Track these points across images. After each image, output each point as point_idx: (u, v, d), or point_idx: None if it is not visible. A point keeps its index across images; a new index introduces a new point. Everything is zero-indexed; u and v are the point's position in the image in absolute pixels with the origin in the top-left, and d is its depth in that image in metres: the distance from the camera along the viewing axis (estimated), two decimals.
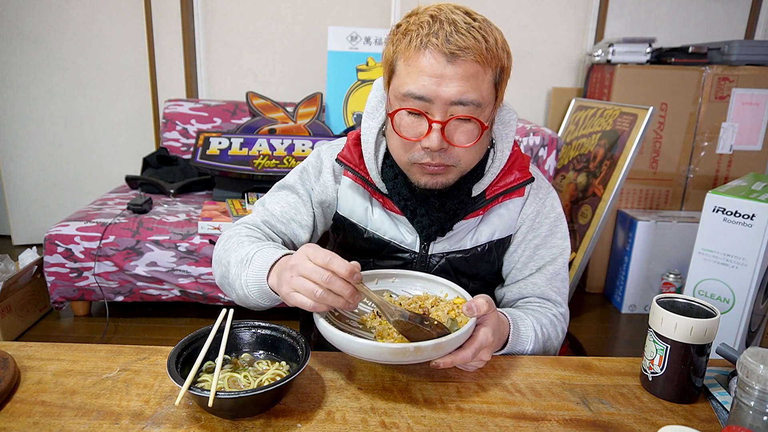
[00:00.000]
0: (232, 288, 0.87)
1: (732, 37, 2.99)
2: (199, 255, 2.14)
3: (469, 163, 0.86)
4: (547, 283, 0.97)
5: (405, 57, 0.80)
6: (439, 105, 0.78)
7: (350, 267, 0.69)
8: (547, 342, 0.92)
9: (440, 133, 0.79)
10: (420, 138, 0.81)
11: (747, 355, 0.62)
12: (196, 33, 2.90)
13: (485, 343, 0.76)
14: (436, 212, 0.90)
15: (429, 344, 0.68)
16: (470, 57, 0.76)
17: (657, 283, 2.56)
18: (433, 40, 0.77)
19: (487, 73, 0.79)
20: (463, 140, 0.81)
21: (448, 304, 0.82)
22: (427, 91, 0.78)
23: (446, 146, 0.81)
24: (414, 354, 0.68)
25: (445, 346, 0.70)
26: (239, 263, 0.85)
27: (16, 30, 2.84)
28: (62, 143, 3.01)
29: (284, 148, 2.50)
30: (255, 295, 0.83)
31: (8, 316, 2.11)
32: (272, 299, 0.83)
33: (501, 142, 0.93)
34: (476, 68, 0.77)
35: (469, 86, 0.77)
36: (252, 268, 0.82)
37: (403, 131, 0.83)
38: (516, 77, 3.00)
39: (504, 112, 0.95)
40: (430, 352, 0.70)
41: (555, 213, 0.99)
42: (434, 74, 0.77)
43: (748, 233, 1.48)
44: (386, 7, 2.89)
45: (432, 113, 0.79)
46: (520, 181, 0.93)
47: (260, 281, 0.80)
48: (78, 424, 0.67)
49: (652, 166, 2.61)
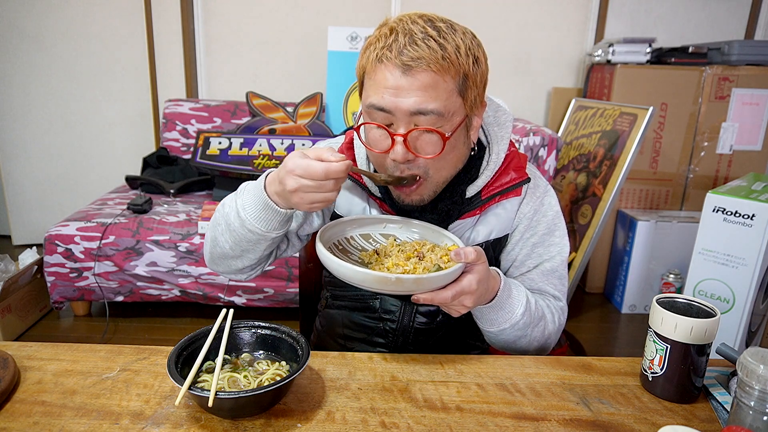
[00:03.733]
0: (227, 226, 0.87)
1: (732, 37, 2.99)
2: (199, 255, 2.14)
3: (440, 174, 0.86)
4: (544, 279, 0.97)
5: (368, 70, 0.81)
6: (401, 116, 0.79)
7: (340, 156, 0.76)
8: (540, 320, 0.92)
9: (403, 145, 0.80)
10: (387, 150, 0.82)
11: (747, 355, 0.62)
12: (196, 33, 2.90)
13: (467, 289, 0.78)
14: (429, 214, 0.91)
15: (410, 277, 0.74)
16: (424, 66, 0.76)
17: (657, 283, 2.56)
18: (387, 53, 0.77)
19: (447, 82, 0.78)
20: (429, 151, 0.81)
21: (442, 249, 0.86)
22: (386, 102, 0.78)
23: (412, 158, 0.81)
24: (395, 284, 0.73)
25: (425, 283, 0.75)
26: (233, 197, 0.87)
27: (15, 30, 2.84)
28: (62, 143, 3.01)
29: (284, 148, 2.50)
30: (252, 214, 0.83)
31: (8, 316, 2.11)
32: (270, 214, 0.83)
33: (496, 143, 0.93)
34: (433, 77, 0.77)
35: (427, 96, 0.77)
36: (248, 188, 0.85)
37: (372, 144, 0.84)
38: (516, 77, 3.00)
39: (499, 113, 0.95)
40: (410, 285, 0.74)
41: (552, 212, 0.99)
42: (391, 86, 0.77)
43: (748, 233, 1.48)
44: (386, 7, 2.89)
45: (396, 125, 0.80)
46: (516, 182, 0.93)
47: (258, 190, 0.82)
48: (78, 424, 0.67)
49: (652, 166, 2.61)
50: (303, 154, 0.76)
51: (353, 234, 0.91)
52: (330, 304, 1.07)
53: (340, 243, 0.88)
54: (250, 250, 0.88)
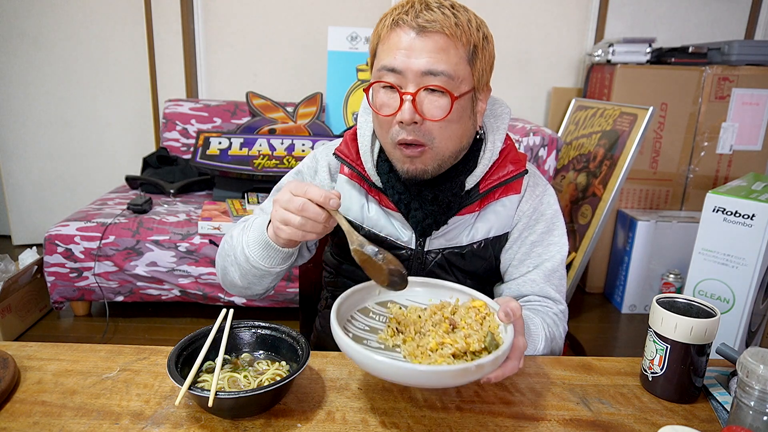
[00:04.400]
0: (235, 259, 0.90)
1: (732, 37, 2.99)
2: (199, 255, 2.14)
3: (444, 144, 0.86)
4: (546, 281, 0.97)
5: (382, 38, 0.84)
6: (411, 77, 0.81)
7: (325, 193, 0.75)
8: (553, 341, 0.92)
9: (412, 105, 0.81)
10: (395, 113, 0.83)
11: (747, 355, 0.62)
12: (196, 33, 2.90)
13: (524, 348, 0.72)
14: (430, 205, 0.91)
15: (488, 360, 0.63)
16: (438, 28, 0.80)
17: (657, 283, 2.56)
18: (404, 17, 0.81)
19: (458, 48, 0.82)
20: (435, 113, 0.83)
21: (471, 310, 0.77)
22: (398, 62, 0.81)
23: (419, 120, 0.82)
24: (475, 373, 0.63)
25: (500, 360, 0.66)
26: (240, 231, 0.91)
27: (15, 30, 2.84)
28: (62, 143, 3.01)
29: (284, 148, 2.50)
30: (256, 252, 0.86)
31: (8, 316, 2.11)
32: (271, 252, 0.86)
33: (492, 134, 0.94)
34: (446, 41, 0.80)
35: (439, 57, 0.80)
36: (253, 226, 0.88)
37: (379, 108, 0.86)
38: (516, 77, 3.00)
39: (496, 105, 0.97)
40: (489, 367, 0.64)
41: (552, 210, 0.99)
42: (405, 47, 0.81)
43: (748, 233, 1.48)
44: (386, 7, 2.89)
45: (404, 86, 0.82)
46: (513, 174, 0.93)
47: (260, 232, 0.85)
48: (78, 424, 0.67)
49: (652, 166, 2.61)
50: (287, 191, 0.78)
51: (352, 314, 0.79)
52: (329, 305, 1.07)
53: (347, 330, 0.75)
54: (257, 283, 0.92)
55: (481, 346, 0.70)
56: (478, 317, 0.75)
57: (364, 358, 0.63)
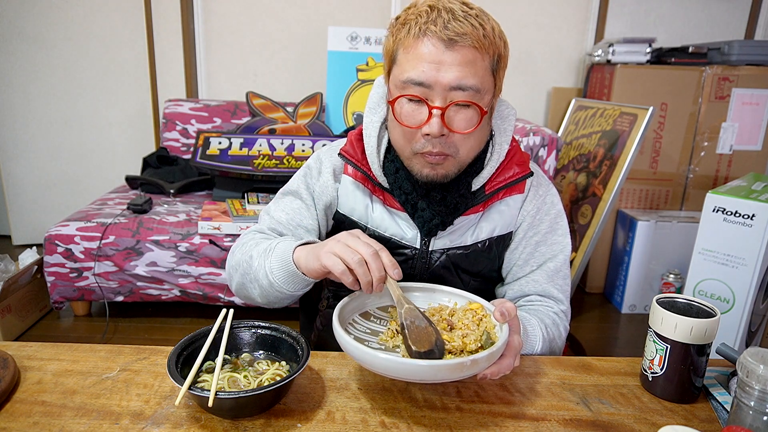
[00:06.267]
0: (256, 281, 0.89)
1: (732, 37, 2.99)
2: (199, 255, 2.14)
3: (467, 154, 0.87)
4: (549, 280, 0.97)
5: (405, 46, 0.82)
6: (439, 91, 0.80)
7: (394, 261, 0.75)
8: (552, 342, 0.92)
9: (440, 119, 0.80)
10: (421, 125, 0.82)
11: (747, 355, 0.62)
12: (196, 33, 2.90)
13: (519, 347, 0.74)
14: (437, 206, 0.91)
15: (483, 355, 0.66)
16: (468, 43, 0.78)
17: (657, 283, 2.56)
18: (432, 27, 0.79)
19: (485, 60, 0.81)
20: (463, 126, 0.82)
21: (468, 312, 0.79)
22: (427, 76, 0.79)
23: (447, 132, 0.82)
24: (470, 368, 0.66)
25: (495, 356, 0.69)
26: (262, 254, 0.88)
27: (16, 30, 2.83)
28: (62, 143, 3.01)
29: (284, 148, 2.50)
30: (280, 279, 0.84)
31: (8, 316, 2.11)
32: (297, 280, 0.84)
33: (499, 135, 0.94)
34: (474, 54, 0.79)
35: (467, 72, 0.79)
36: (276, 253, 0.85)
37: (404, 119, 0.84)
38: (516, 77, 3.00)
39: (503, 107, 0.96)
40: (484, 363, 0.67)
41: (555, 210, 0.99)
42: (433, 60, 0.79)
43: (748, 233, 1.48)
44: (386, 7, 2.89)
45: (432, 99, 0.81)
46: (519, 176, 0.93)
47: (286, 261, 0.83)
48: (78, 424, 0.67)
49: (652, 166, 2.61)
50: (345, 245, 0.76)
51: (354, 317, 0.83)
52: (331, 304, 1.07)
53: (349, 333, 0.76)
54: (279, 301, 0.91)
55: (477, 345, 0.73)
56: (475, 318, 0.78)
57: (363, 354, 0.67)
